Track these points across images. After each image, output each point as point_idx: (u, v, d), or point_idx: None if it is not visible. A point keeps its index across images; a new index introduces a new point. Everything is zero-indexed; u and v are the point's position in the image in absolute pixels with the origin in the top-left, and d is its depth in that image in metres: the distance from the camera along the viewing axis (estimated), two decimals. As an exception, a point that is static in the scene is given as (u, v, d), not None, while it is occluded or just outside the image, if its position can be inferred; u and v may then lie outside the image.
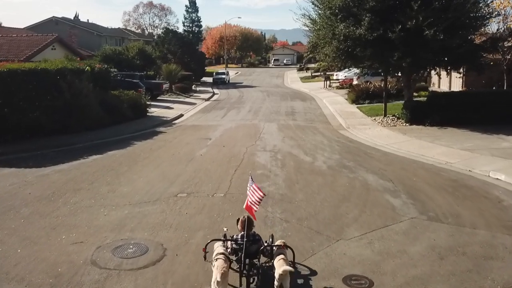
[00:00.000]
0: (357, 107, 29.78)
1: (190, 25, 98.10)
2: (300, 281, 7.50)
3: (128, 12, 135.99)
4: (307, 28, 26.00)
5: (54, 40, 33.00)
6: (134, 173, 14.21)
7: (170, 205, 11.15)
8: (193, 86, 46.34)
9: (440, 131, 20.66)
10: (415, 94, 34.97)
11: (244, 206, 7.61)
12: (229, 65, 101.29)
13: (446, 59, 21.97)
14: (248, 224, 7.24)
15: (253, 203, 7.30)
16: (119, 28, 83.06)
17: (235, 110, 30.55)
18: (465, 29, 21.01)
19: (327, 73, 58.26)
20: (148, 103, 27.94)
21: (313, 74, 64.99)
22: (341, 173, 14.18)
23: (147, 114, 27.28)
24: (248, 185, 7.59)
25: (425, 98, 24.85)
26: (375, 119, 24.94)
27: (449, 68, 24.05)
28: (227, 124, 24.45)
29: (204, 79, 59.70)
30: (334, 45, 23.10)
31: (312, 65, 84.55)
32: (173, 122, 25.72)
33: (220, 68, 74.45)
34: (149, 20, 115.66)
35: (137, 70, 42.64)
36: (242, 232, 7.25)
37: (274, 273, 6.73)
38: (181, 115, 28.24)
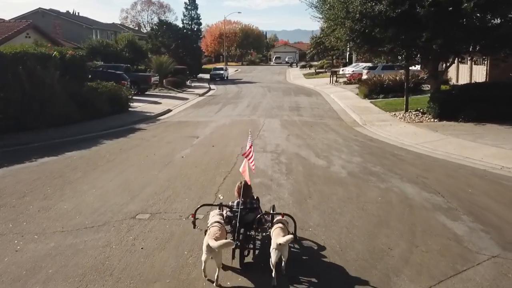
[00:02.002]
0: (371, 102, 26.03)
1: (190, 22, 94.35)
2: (305, 257, 6.58)
3: (126, 9, 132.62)
4: (314, 12, 22.23)
5: (27, 27, 29.31)
6: (87, 182, 10.47)
7: (122, 233, 7.42)
8: (188, 81, 42.61)
9: (479, 128, 16.90)
10: (433, 88, 31.43)
11: (240, 169, 6.90)
12: (229, 63, 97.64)
13: (483, 41, 18.12)
14: (244, 190, 6.62)
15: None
16: (113, 23, 79.32)
17: (231, 105, 26.75)
18: (509, 5, 17.20)
19: (332, 69, 54.57)
20: (131, 97, 24.13)
21: (317, 70, 61.18)
22: (368, 182, 10.43)
23: (129, 109, 23.57)
24: (247, 144, 6.86)
25: (452, 91, 21.12)
26: (395, 114, 21.19)
27: (483, 54, 20.28)
28: (221, 120, 20.69)
29: (201, 75, 55.91)
30: (347, 26, 19.38)
31: (315, 63, 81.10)
32: (158, 118, 21.97)
33: (220, 65, 70.69)
34: (147, 17, 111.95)
35: (127, 63, 39.09)
36: (239, 199, 6.57)
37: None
38: (169, 111, 24.50)
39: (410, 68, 36.06)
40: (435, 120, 18.88)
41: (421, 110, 20.72)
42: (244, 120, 20.62)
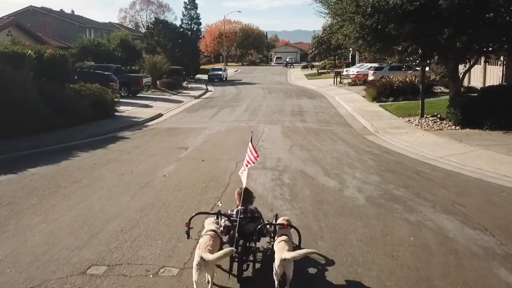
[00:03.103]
0: (380, 106, 23.83)
1: (189, 22, 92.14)
2: (312, 270, 5.92)
3: (125, 8, 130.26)
4: (320, 7, 20.04)
5: (8, 24, 27.21)
6: (39, 212, 8.31)
7: (60, 302, 5.27)
8: (184, 83, 40.43)
9: (510, 138, 14.73)
10: (445, 90, 29.27)
11: (240, 172, 6.41)
12: (228, 63, 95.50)
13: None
14: (245, 196, 6.02)
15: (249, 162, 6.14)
16: (110, 22, 77.15)
17: (228, 109, 24.55)
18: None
19: (336, 69, 52.36)
20: (118, 100, 21.95)
21: (319, 71, 58.94)
22: (393, 212, 8.28)
23: (116, 113, 21.42)
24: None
25: (476, 94, 18.97)
26: (409, 120, 19.01)
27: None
28: (215, 126, 18.51)
29: (199, 76, 53.73)
30: (357, 21, 17.21)
31: (317, 63, 78.94)
32: (146, 124, 19.81)
33: (219, 66, 68.40)
34: (146, 17, 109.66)
35: (120, 64, 36.98)
36: (239, 207, 5.95)
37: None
38: (159, 115, 22.34)
39: (417, 68, 34.11)
40: (457, 128, 16.70)
41: (438, 116, 18.56)
42: (241, 127, 18.45)
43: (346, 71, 47.12)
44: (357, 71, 43.07)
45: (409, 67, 33.59)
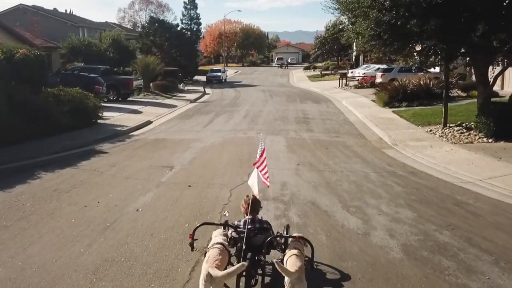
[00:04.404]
0: (394, 112, 21.46)
1: (189, 22, 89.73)
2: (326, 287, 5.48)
3: (123, 8, 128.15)
4: (328, 2, 17.61)
5: (-14, 21, 24.81)
6: (-48, 273, 5.98)
7: None
8: (180, 85, 38.05)
9: (558, 154, 12.40)
10: (462, 94, 26.95)
11: (249, 182, 5.89)
12: (229, 64, 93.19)
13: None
14: (253, 205, 5.59)
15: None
16: (106, 21, 74.78)
17: (225, 116, 22.13)
18: None
19: (340, 71, 50.04)
20: (101, 105, 19.57)
21: (323, 72, 56.54)
22: (444, 274, 5.99)
23: (99, 120, 19.08)
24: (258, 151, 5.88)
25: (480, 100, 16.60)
26: (431, 130, 16.64)
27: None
28: (209, 137, 16.12)
29: (198, 77, 51.38)
30: (372, 17, 14.86)
31: (319, 64, 76.65)
32: (131, 133, 17.45)
33: (218, 67, 65.93)
34: (146, 17, 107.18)
35: (112, 65, 34.65)
36: (246, 217, 5.54)
37: None
38: (148, 123, 19.98)
39: (429, 70, 31.81)
40: (490, 140, 14.33)
41: (464, 125, 16.20)
42: (238, 138, 16.07)
43: (352, 72, 44.79)
44: (364, 73, 40.76)
45: (420, 69, 31.28)
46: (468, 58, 16.40)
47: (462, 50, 15.40)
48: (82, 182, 10.39)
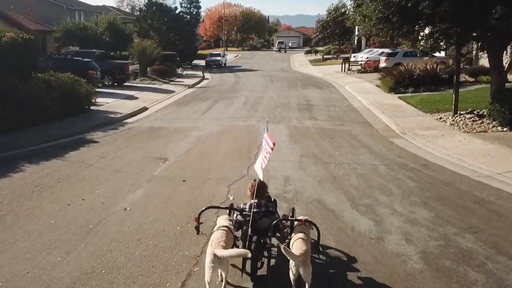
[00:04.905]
0: (400, 98, 20.56)
1: (188, 5, 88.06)
2: (332, 270, 5.38)
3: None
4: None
5: (-26, 3, 23.79)
6: None
7: None
8: (179, 69, 37.01)
9: None
10: (470, 79, 26.01)
11: (255, 166, 5.90)
12: (229, 48, 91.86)
13: None
14: (259, 189, 5.56)
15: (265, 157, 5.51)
16: (104, 5, 73.32)
17: (224, 102, 21.22)
18: None
19: (343, 55, 48.96)
20: (94, 91, 18.65)
21: (324, 57, 55.35)
22: (475, 290, 5.17)
23: (92, 107, 18.22)
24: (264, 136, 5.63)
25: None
26: (440, 118, 15.78)
27: None
28: (206, 126, 15.26)
29: (197, 62, 50.23)
30: (380, -1, 13.96)
31: (321, 48, 75.43)
32: (125, 121, 16.59)
33: (218, 51, 64.63)
34: (144, 0, 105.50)
35: (109, 49, 33.70)
36: (252, 201, 5.51)
37: None
38: (144, 109, 19.12)
39: (435, 54, 30.82)
40: (505, 129, 13.48)
41: (476, 113, 15.34)
42: (238, 126, 15.21)
43: (354, 57, 43.72)
44: (367, 57, 39.71)
45: (425, 53, 30.25)
46: (480, 43, 15.42)
47: (474, 34, 14.49)
48: (68, 176, 9.58)
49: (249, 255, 4.88)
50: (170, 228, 6.73)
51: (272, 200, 6.08)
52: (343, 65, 37.47)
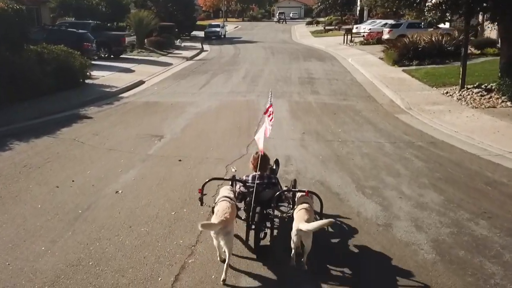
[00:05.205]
0: (404, 71, 19.96)
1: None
2: (334, 240, 5.52)
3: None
4: None
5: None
6: None
7: None
8: (177, 41, 36.15)
9: None
10: (475, 52, 25.29)
11: (255, 137, 6.41)
12: (228, 19, 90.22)
13: None
14: (262, 162, 5.53)
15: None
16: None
17: (223, 75, 20.60)
18: None
19: (345, 26, 47.89)
20: (88, 64, 18.05)
21: (326, 28, 54.26)
22: (489, 284, 4.78)
23: (87, 80, 17.65)
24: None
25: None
26: (447, 92, 15.23)
27: None
28: (204, 101, 14.73)
29: (196, 33, 49.19)
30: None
31: (322, 19, 74.07)
32: (121, 95, 16.07)
33: (217, 22, 63.37)
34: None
35: (105, 20, 32.75)
36: (254, 173, 5.51)
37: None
38: (140, 83, 18.55)
39: (439, 26, 30.00)
40: (514, 104, 13.01)
41: (483, 87, 14.77)
42: (237, 102, 14.68)
43: (357, 28, 42.70)
44: (370, 29, 38.79)
45: (430, 24, 29.49)
46: (490, 14, 14.74)
47: (485, 5, 13.82)
48: (58, 155, 9.12)
49: (251, 221, 5.21)
50: (164, 214, 6.31)
51: (275, 160, 6.34)
52: (345, 36, 36.64)
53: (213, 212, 5.06)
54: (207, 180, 5.60)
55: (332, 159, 8.75)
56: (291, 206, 5.56)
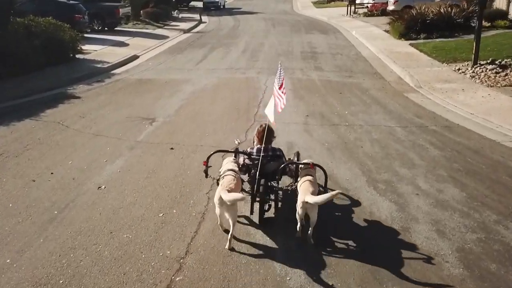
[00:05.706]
0: (411, 45, 18.99)
1: None
2: (338, 213, 5.50)
3: None
4: None
5: None
6: None
7: None
8: (174, 12, 34.94)
9: None
10: (486, 24, 24.09)
11: (265, 111, 5.81)
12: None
13: None
14: (267, 134, 5.51)
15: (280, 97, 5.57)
16: None
17: (221, 50, 19.60)
18: None
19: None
20: (79, 38, 17.10)
21: (328, -2, 52.64)
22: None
23: (77, 55, 16.72)
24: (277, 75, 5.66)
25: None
26: (458, 68, 14.34)
27: None
28: (201, 78, 13.85)
29: (194, 3, 47.73)
30: None
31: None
32: (113, 71, 15.17)
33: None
34: None
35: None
36: (259, 145, 5.58)
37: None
38: (134, 58, 17.61)
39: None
40: (533, 83, 12.14)
41: (498, 63, 13.88)
42: (236, 79, 13.78)
43: (360, -2, 41.27)
44: (374, -1, 37.45)
45: (436, -5, 28.35)
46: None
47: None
48: (39, 141, 8.33)
49: (256, 192, 5.26)
50: (151, 215, 5.56)
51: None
52: (349, 7, 35.39)
53: (217, 184, 5.11)
54: (212, 152, 5.59)
55: (339, 147, 7.96)
56: (294, 178, 5.54)
